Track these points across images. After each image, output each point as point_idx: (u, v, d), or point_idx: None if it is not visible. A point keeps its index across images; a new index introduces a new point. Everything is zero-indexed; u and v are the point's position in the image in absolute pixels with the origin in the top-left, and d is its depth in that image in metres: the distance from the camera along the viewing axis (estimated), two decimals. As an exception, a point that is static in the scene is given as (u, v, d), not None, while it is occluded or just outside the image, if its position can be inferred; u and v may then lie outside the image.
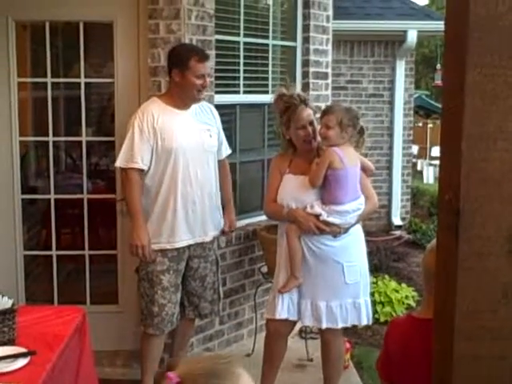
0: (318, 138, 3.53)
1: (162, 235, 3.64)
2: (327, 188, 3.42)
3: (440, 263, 1.58)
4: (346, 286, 3.50)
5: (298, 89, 4.92)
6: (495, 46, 1.37)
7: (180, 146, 3.60)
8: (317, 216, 3.42)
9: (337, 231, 3.46)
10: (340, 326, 3.53)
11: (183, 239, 3.70)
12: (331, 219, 3.41)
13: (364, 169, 3.58)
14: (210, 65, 3.71)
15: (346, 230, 3.49)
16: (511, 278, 1.46)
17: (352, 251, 3.54)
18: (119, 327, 4.32)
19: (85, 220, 4.28)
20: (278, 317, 3.54)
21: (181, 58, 3.60)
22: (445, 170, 1.54)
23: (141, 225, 3.56)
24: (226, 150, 4.05)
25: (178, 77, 3.59)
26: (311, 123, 3.56)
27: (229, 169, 4.13)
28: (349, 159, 3.39)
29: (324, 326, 3.53)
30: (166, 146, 3.58)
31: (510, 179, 1.43)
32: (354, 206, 3.43)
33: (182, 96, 3.66)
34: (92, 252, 4.33)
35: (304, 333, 4.71)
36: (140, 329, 3.81)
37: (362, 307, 3.54)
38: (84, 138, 4.24)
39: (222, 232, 4.02)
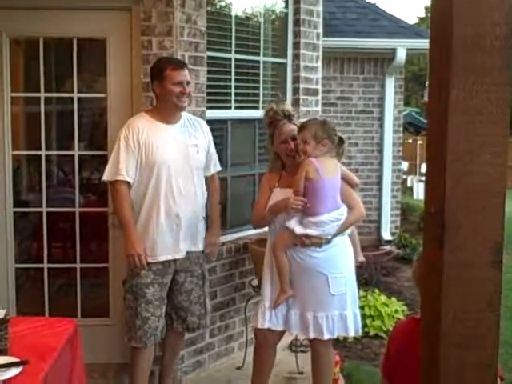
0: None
1: (145, 248, 3.66)
2: (305, 199, 3.46)
3: (426, 273, 1.62)
4: (331, 298, 3.53)
5: (289, 104, 5.00)
6: (478, 64, 1.42)
7: (164, 160, 3.65)
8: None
9: (318, 242, 3.49)
10: (326, 337, 3.56)
11: (165, 253, 3.72)
12: (308, 231, 3.44)
13: (349, 183, 3.64)
14: (187, 72, 3.74)
15: (329, 241, 3.52)
16: (495, 287, 1.50)
17: (337, 262, 3.57)
18: (110, 340, 4.34)
19: (76, 233, 4.30)
20: (259, 326, 3.64)
21: (157, 69, 3.71)
22: (430, 184, 1.58)
23: (133, 234, 3.60)
24: (216, 167, 4.05)
25: (157, 88, 3.70)
26: (294, 138, 3.63)
27: (218, 186, 4.11)
28: (325, 170, 3.42)
29: (311, 336, 3.58)
30: (149, 159, 3.63)
31: (492, 192, 1.48)
32: (331, 216, 3.45)
33: (165, 106, 3.72)
34: (83, 265, 4.35)
35: (294, 346, 4.74)
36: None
37: (348, 319, 3.57)
38: (76, 152, 4.28)
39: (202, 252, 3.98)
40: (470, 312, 1.50)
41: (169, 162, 3.66)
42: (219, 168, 4.11)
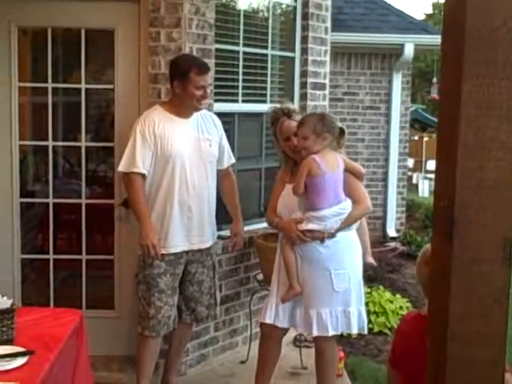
0: None
1: (159, 238, 3.68)
2: (307, 194, 3.44)
3: (435, 269, 1.62)
4: (335, 294, 3.50)
5: (296, 99, 5.00)
6: (491, 58, 1.41)
7: (178, 153, 3.67)
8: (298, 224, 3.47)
9: (319, 237, 3.47)
10: (331, 333, 3.53)
11: (178, 245, 3.75)
12: (310, 226, 3.43)
13: (354, 173, 3.62)
14: (210, 76, 3.78)
15: (333, 235, 3.48)
16: (504, 283, 1.49)
17: (341, 259, 3.53)
18: (115, 332, 4.34)
19: (82, 225, 4.30)
20: (262, 320, 3.66)
21: (181, 70, 3.68)
22: (441, 178, 1.57)
23: (148, 224, 3.63)
24: (229, 160, 4.07)
25: (178, 88, 3.68)
26: (296, 134, 3.59)
27: (235, 179, 4.14)
28: (328, 165, 3.39)
29: (315, 333, 3.55)
30: (164, 152, 3.66)
31: (504, 187, 1.47)
32: (333, 211, 3.42)
33: (182, 105, 3.74)
34: (89, 257, 4.35)
35: (298, 341, 4.73)
36: (136, 333, 3.85)
37: (351, 315, 3.54)
38: (83, 144, 4.27)
39: (228, 247, 4.18)
40: (478, 308, 1.50)
41: (183, 155, 3.70)
42: (233, 160, 4.13)
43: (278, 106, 3.89)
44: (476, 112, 1.43)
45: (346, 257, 3.57)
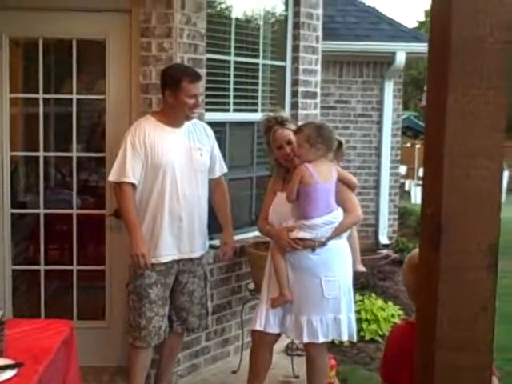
0: None
1: (149, 248, 3.68)
2: (298, 203, 3.48)
3: (422, 276, 1.62)
4: (325, 301, 3.53)
5: (287, 108, 5.01)
6: (476, 68, 1.42)
7: (169, 163, 3.67)
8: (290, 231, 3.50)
9: (311, 245, 3.50)
10: (321, 340, 3.55)
11: (168, 254, 3.75)
12: (301, 234, 3.46)
13: (347, 184, 3.64)
14: (201, 84, 3.78)
15: (324, 244, 3.52)
16: (490, 291, 1.50)
17: (331, 266, 3.56)
18: (106, 343, 4.32)
19: (73, 235, 4.29)
20: (255, 327, 3.67)
21: (173, 79, 3.69)
22: (428, 186, 1.58)
23: (138, 234, 3.63)
24: (221, 169, 4.07)
25: (170, 97, 3.68)
26: (289, 142, 3.64)
27: (226, 188, 4.12)
28: (320, 174, 3.43)
29: (305, 340, 3.57)
30: (155, 162, 3.66)
31: (489, 195, 1.47)
32: (324, 219, 3.45)
33: (174, 114, 3.74)
34: (80, 267, 4.34)
35: (290, 350, 4.73)
36: (127, 343, 3.83)
37: (342, 323, 3.56)
38: (75, 154, 4.27)
39: (219, 256, 4.19)
40: (465, 315, 1.50)
41: (174, 165, 3.69)
42: (225, 170, 4.12)
43: (271, 114, 3.90)
44: (461, 122, 1.44)
45: (336, 264, 3.59)
